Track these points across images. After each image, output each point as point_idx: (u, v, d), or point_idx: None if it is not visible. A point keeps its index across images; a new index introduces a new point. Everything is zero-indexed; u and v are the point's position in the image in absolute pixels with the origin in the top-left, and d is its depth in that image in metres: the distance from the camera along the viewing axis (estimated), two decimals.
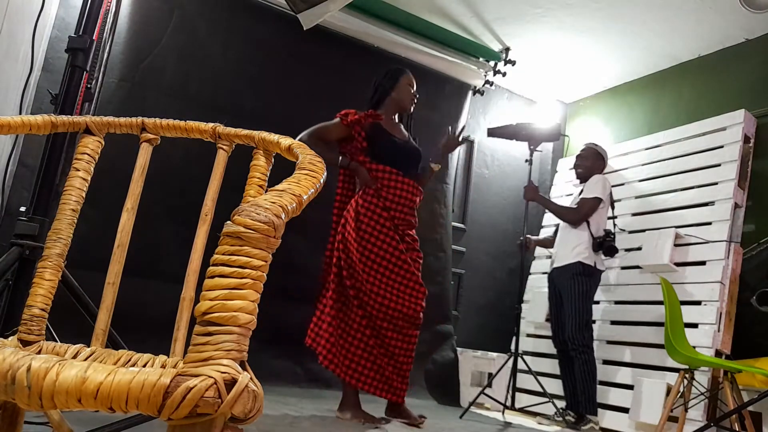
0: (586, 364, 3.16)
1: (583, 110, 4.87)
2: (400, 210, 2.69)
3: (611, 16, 3.72)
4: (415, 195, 2.75)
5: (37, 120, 0.93)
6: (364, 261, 2.59)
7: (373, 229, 2.62)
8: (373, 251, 2.61)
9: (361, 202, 2.65)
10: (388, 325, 2.59)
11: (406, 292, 2.63)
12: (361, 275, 2.57)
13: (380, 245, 2.62)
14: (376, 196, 2.66)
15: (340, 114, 2.73)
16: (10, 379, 0.46)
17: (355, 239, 2.59)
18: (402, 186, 2.70)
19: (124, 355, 0.85)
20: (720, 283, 3.13)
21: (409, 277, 2.65)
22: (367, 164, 2.69)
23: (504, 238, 4.58)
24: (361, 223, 2.62)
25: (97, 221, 2.33)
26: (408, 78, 2.85)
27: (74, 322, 1.46)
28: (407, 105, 2.84)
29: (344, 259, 2.61)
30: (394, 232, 2.66)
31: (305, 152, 0.77)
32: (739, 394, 2.71)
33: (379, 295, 2.58)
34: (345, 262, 2.61)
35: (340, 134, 2.72)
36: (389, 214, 2.66)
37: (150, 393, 0.46)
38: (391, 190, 2.68)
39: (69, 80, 1.63)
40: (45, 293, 0.92)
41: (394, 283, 2.62)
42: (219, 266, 0.53)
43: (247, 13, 3.61)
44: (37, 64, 2.88)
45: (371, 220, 2.63)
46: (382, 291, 2.59)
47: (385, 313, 2.58)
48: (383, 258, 2.62)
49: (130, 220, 0.96)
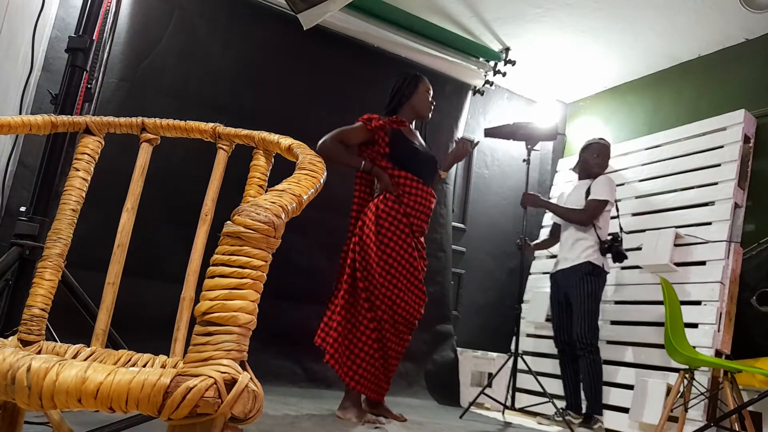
0: (594, 364, 3.15)
1: (583, 110, 4.87)
2: (418, 217, 2.71)
3: (611, 16, 3.72)
4: (431, 203, 2.78)
5: (37, 120, 0.93)
6: (382, 265, 2.60)
7: (393, 234, 2.63)
8: (392, 256, 2.62)
9: (382, 207, 2.65)
10: (390, 327, 2.62)
11: (411, 298, 2.66)
12: (377, 279, 2.58)
13: (398, 251, 2.63)
14: (398, 202, 2.67)
15: (363, 118, 2.73)
16: (10, 379, 0.46)
17: (375, 242, 2.60)
18: (421, 193, 2.72)
19: (124, 355, 0.85)
20: (720, 283, 3.13)
21: (416, 284, 2.68)
22: (389, 170, 2.70)
23: (504, 238, 4.58)
24: (381, 227, 2.62)
25: (97, 221, 2.33)
26: (426, 85, 2.86)
27: (74, 322, 1.46)
28: (425, 112, 2.86)
29: (359, 261, 2.62)
30: (412, 238, 2.68)
31: (305, 152, 0.77)
32: (739, 394, 2.71)
33: (390, 299, 2.60)
34: (360, 264, 2.61)
35: (362, 138, 2.72)
36: (408, 221, 2.68)
37: (150, 393, 0.46)
38: (412, 197, 2.70)
39: (69, 80, 1.63)
40: (45, 293, 0.92)
41: (404, 287, 2.64)
42: (219, 266, 0.53)
43: (247, 13, 3.61)
44: (37, 64, 2.88)
45: (392, 225, 2.64)
46: (393, 296, 2.61)
47: (390, 317, 2.61)
48: (400, 264, 2.63)
49: (130, 220, 0.96)
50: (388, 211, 2.65)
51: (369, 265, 2.60)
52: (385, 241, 2.62)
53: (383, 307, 2.58)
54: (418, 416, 2.93)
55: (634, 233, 3.76)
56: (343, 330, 2.57)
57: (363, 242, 2.64)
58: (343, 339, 2.56)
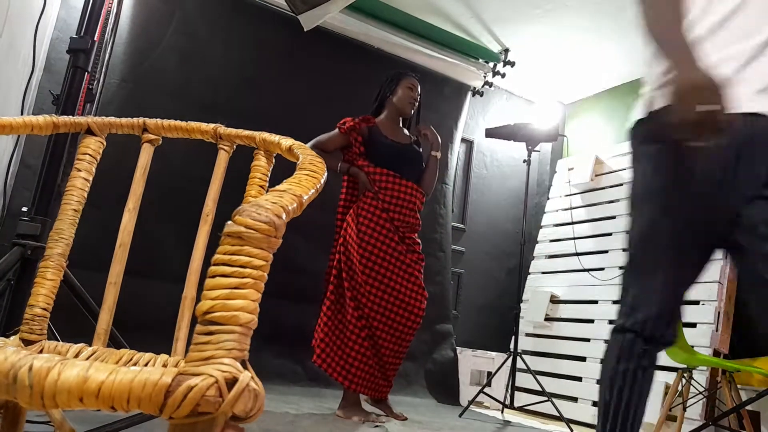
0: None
1: (583, 111, 4.88)
2: (399, 211, 2.72)
3: (611, 17, 3.72)
4: (414, 197, 2.77)
5: (38, 120, 0.94)
6: (364, 262, 2.62)
7: (372, 230, 2.65)
8: (374, 252, 2.63)
9: (362, 205, 2.70)
10: (383, 326, 2.61)
11: (406, 294, 2.66)
12: (360, 276, 2.60)
13: (380, 246, 2.65)
14: (375, 198, 2.70)
15: (339, 123, 2.78)
16: (12, 379, 0.47)
17: (356, 241, 2.63)
18: (400, 188, 2.73)
19: (126, 355, 0.85)
20: (718, 283, 3.13)
21: (409, 278, 2.67)
22: (365, 168, 2.73)
23: (503, 238, 4.59)
24: (362, 225, 2.66)
25: (98, 221, 2.33)
26: (408, 81, 2.86)
27: (76, 321, 1.47)
28: (406, 109, 2.86)
29: (344, 261, 2.65)
30: (394, 233, 2.68)
31: (306, 153, 0.78)
32: (737, 393, 2.71)
33: (377, 296, 2.61)
34: (345, 264, 2.64)
35: (339, 143, 2.78)
36: (388, 216, 2.69)
37: (151, 392, 0.46)
38: (389, 192, 2.71)
39: (71, 81, 1.64)
40: (47, 293, 0.93)
41: (394, 284, 2.64)
42: (220, 266, 0.53)
43: (247, 15, 3.62)
44: (39, 65, 2.89)
45: (371, 221, 2.66)
46: (380, 292, 2.62)
47: (381, 314, 2.61)
48: (383, 259, 2.64)
49: (131, 220, 0.96)
50: (366, 209, 2.68)
51: (352, 263, 2.62)
52: (365, 238, 2.63)
53: (369, 304, 2.59)
54: (417, 415, 2.94)
55: None
56: (330, 330, 2.59)
57: (347, 242, 2.66)
58: (330, 339, 2.58)
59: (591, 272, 3.88)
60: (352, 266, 2.63)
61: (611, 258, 3.83)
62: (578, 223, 4.17)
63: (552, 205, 4.53)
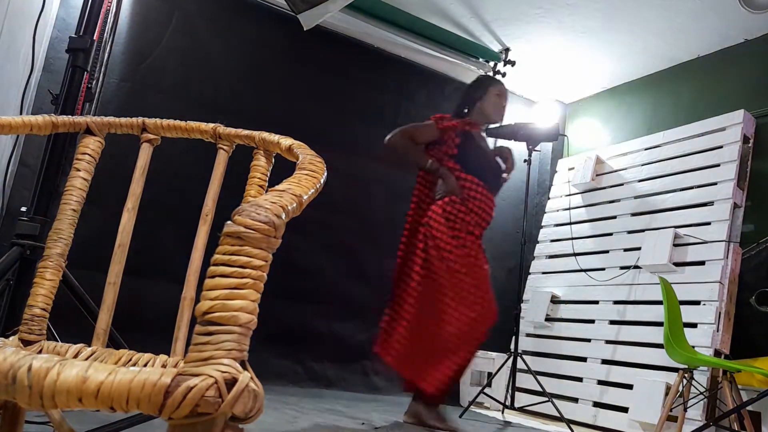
0: None
1: (583, 110, 4.87)
2: (479, 223, 2.65)
3: (611, 17, 3.72)
4: (492, 209, 2.72)
5: (38, 120, 0.94)
6: (458, 268, 2.52)
7: (464, 239, 2.56)
8: (462, 257, 2.54)
9: (450, 209, 2.58)
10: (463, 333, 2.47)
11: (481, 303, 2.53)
12: (449, 281, 2.49)
13: (470, 253, 2.56)
14: (464, 205, 2.60)
15: (434, 117, 2.68)
16: (11, 379, 0.47)
17: (447, 244, 2.52)
18: (485, 199, 2.67)
19: (125, 355, 0.85)
20: (719, 283, 3.13)
21: (487, 288, 2.58)
22: (456, 172, 2.63)
23: (503, 238, 4.58)
24: (453, 230, 2.56)
25: (98, 221, 2.33)
26: (498, 88, 2.79)
27: (75, 321, 1.46)
28: (495, 117, 2.79)
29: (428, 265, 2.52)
30: (479, 240, 2.63)
31: (305, 152, 0.78)
32: (738, 393, 2.71)
33: (462, 305, 2.49)
34: (429, 269, 2.52)
35: (431, 137, 2.66)
36: (476, 223, 2.62)
37: (151, 392, 0.46)
38: (477, 202, 2.63)
39: (70, 80, 1.64)
40: (46, 293, 0.92)
41: (475, 292, 2.53)
42: (219, 266, 0.53)
43: (247, 14, 3.62)
44: (38, 64, 2.89)
45: (462, 229, 2.57)
46: (468, 301, 2.50)
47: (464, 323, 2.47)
48: (470, 269, 2.55)
49: (131, 220, 0.96)
50: (456, 214, 2.57)
51: (439, 268, 2.50)
52: (457, 244, 2.54)
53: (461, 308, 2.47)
54: None
55: (633, 233, 3.76)
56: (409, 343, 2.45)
57: (432, 245, 2.53)
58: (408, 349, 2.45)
59: (591, 272, 3.88)
60: (437, 270, 2.50)
61: (612, 258, 3.83)
62: (579, 222, 4.17)
63: (552, 205, 4.53)
